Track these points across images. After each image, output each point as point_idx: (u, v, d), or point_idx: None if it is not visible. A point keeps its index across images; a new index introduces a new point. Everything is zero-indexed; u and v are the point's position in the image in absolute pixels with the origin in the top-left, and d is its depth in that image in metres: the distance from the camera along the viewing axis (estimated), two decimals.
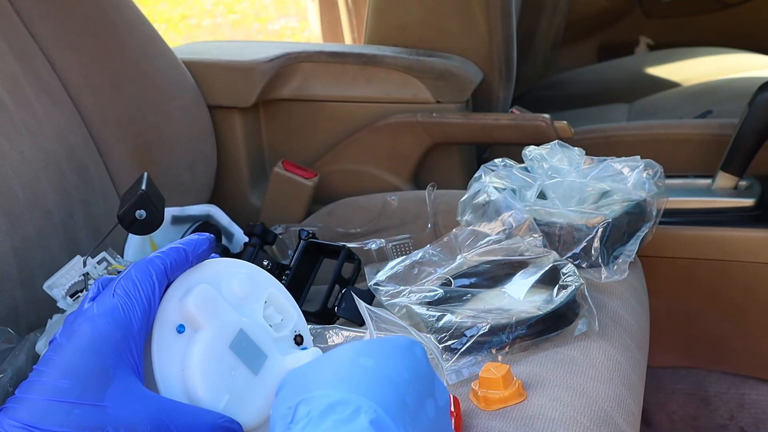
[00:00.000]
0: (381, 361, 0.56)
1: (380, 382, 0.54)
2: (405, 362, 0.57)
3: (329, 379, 0.55)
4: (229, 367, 0.64)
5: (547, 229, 0.98)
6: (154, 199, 0.88)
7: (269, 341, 0.68)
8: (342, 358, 0.56)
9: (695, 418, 1.42)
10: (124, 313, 0.59)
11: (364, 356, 0.56)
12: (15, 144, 1.00)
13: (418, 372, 0.57)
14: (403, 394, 0.54)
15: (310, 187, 1.33)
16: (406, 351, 0.58)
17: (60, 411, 0.55)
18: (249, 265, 0.70)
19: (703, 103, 1.68)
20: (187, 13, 5.18)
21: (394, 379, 0.55)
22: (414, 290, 0.90)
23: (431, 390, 0.58)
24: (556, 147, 1.06)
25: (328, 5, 2.38)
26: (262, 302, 0.69)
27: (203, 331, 0.63)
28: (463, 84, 1.38)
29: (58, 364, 0.57)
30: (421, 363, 0.58)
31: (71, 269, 0.84)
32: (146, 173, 0.92)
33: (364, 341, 0.58)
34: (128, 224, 0.87)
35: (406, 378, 0.55)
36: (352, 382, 0.54)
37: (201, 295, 0.63)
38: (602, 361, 0.86)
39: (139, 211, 0.87)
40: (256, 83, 1.35)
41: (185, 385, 0.62)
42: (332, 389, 0.53)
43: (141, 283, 0.60)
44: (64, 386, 0.56)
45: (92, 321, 0.58)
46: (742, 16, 2.30)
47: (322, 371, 0.56)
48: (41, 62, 1.12)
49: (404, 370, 0.56)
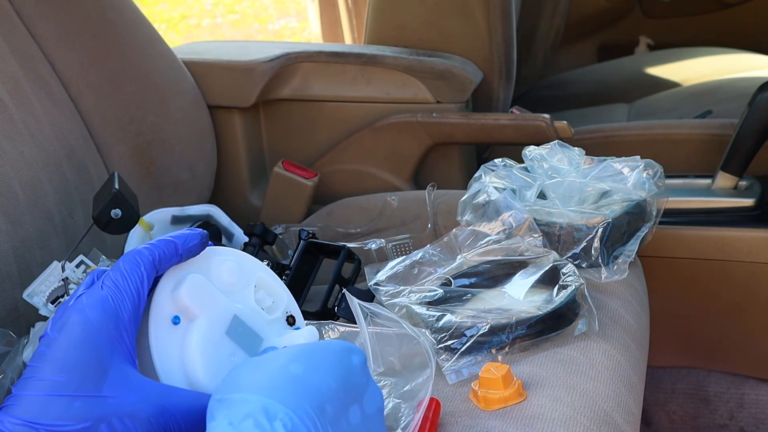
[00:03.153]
0: (309, 369, 0.57)
1: (302, 390, 0.56)
2: (334, 371, 0.58)
3: (254, 384, 0.56)
4: (228, 353, 0.65)
5: (547, 229, 0.98)
6: (128, 197, 0.88)
7: (263, 324, 0.68)
8: (274, 364, 0.58)
9: (695, 418, 1.42)
10: (114, 304, 0.59)
11: (294, 363, 0.57)
12: (15, 144, 1.00)
13: (346, 380, 0.58)
14: (323, 402, 0.56)
15: (310, 187, 1.33)
16: (339, 358, 0.59)
17: (60, 405, 0.56)
18: (236, 252, 0.70)
19: (703, 103, 1.68)
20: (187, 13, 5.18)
21: (318, 387, 0.56)
22: (414, 290, 0.90)
23: (359, 397, 0.59)
24: (556, 147, 1.06)
25: (328, 5, 2.38)
26: (252, 286, 0.69)
27: (198, 320, 0.64)
28: (463, 84, 1.38)
29: (52, 358, 0.57)
30: (353, 371, 0.60)
31: (50, 275, 0.83)
32: (116, 172, 0.91)
33: (301, 347, 0.60)
34: (104, 225, 0.87)
35: (332, 386, 0.57)
36: (275, 389, 0.55)
37: (193, 285, 0.64)
38: (602, 361, 0.86)
39: (114, 211, 0.86)
40: (256, 83, 1.35)
41: (187, 375, 0.62)
42: (255, 393, 0.55)
43: (129, 274, 0.61)
44: (61, 380, 0.56)
45: (82, 313, 0.58)
46: (742, 16, 2.30)
47: (253, 374, 0.57)
48: (41, 62, 1.12)
49: (331, 379, 0.57)
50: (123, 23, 1.21)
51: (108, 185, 0.89)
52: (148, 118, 1.21)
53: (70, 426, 0.55)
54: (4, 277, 0.93)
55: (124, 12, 1.22)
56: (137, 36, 1.23)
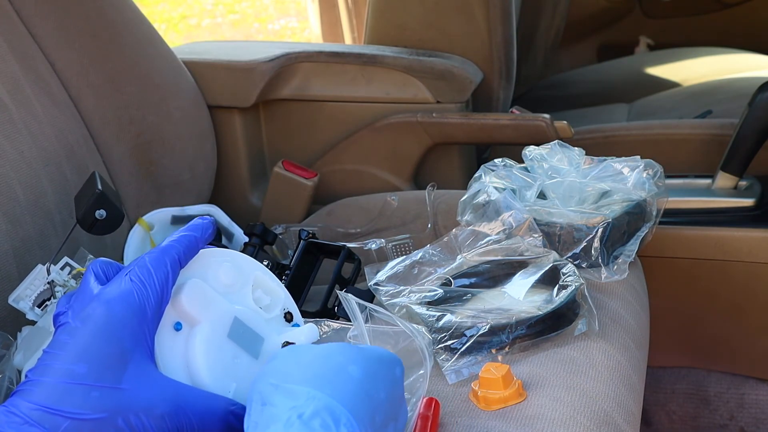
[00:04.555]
0: (367, 375, 0.58)
1: (361, 397, 0.57)
2: (384, 381, 0.59)
3: (317, 379, 0.56)
4: (231, 356, 0.65)
5: (547, 229, 0.98)
6: (112, 197, 0.87)
7: (262, 323, 0.69)
8: (332, 361, 0.58)
9: (695, 418, 1.42)
10: (138, 299, 0.60)
11: (353, 365, 0.58)
12: (15, 144, 1.00)
13: (392, 394, 0.60)
14: (375, 412, 0.57)
15: (310, 187, 1.33)
16: (388, 369, 0.60)
17: (78, 393, 0.56)
18: (231, 252, 0.70)
19: (703, 103, 1.68)
20: (187, 13, 5.18)
21: (373, 397, 0.57)
22: (414, 290, 0.90)
23: (396, 414, 0.61)
24: (556, 147, 1.06)
25: (328, 5, 2.38)
26: (250, 287, 0.70)
27: (200, 325, 0.64)
28: (463, 84, 1.38)
29: (73, 347, 0.57)
30: (397, 385, 0.61)
31: (35, 279, 0.82)
32: (96, 171, 0.90)
33: (355, 348, 0.60)
34: (89, 226, 0.86)
35: (382, 398, 0.58)
36: (339, 389, 0.56)
37: (192, 290, 0.64)
38: (602, 361, 0.86)
39: (99, 211, 0.85)
40: (256, 83, 1.35)
41: (192, 380, 0.63)
42: (320, 391, 0.55)
43: (155, 271, 0.61)
44: (81, 370, 0.56)
45: (108, 305, 0.59)
46: (742, 16, 2.30)
47: (312, 367, 0.58)
48: (41, 62, 1.12)
49: (382, 390, 0.59)
50: (123, 23, 1.21)
51: (89, 186, 0.88)
52: (148, 118, 1.21)
53: (87, 415, 0.56)
54: (4, 278, 0.93)
55: (124, 12, 1.22)
56: (137, 36, 1.23)
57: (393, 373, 0.61)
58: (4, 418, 0.54)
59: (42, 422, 0.54)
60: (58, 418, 0.55)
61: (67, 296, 0.61)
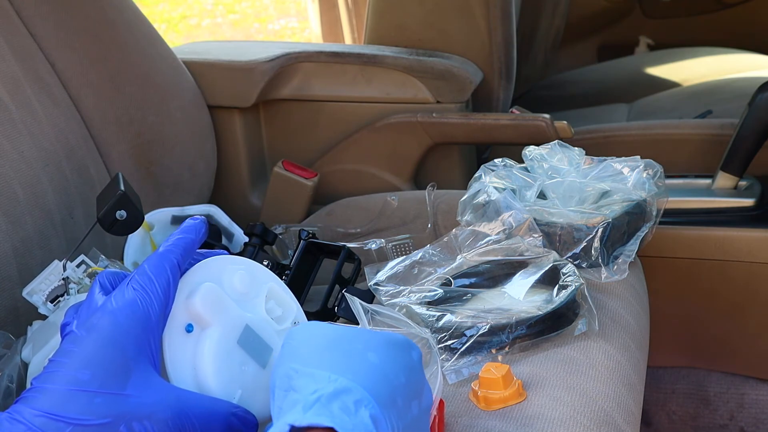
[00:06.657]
0: (385, 360, 0.59)
1: (381, 380, 0.57)
2: (403, 365, 0.60)
3: (336, 364, 0.57)
4: (239, 363, 0.65)
5: (547, 229, 0.98)
6: (133, 199, 0.87)
7: (273, 334, 0.69)
8: (350, 347, 0.59)
9: (695, 418, 1.42)
10: (142, 307, 0.60)
11: (371, 351, 0.59)
12: (15, 144, 1.00)
13: (410, 377, 0.60)
14: (396, 395, 0.58)
15: (310, 187, 1.33)
16: (405, 353, 0.61)
17: (81, 400, 0.56)
18: (247, 261, 0.70)
19: (703, 103, 1.68)
20: (187, 13, 5.18)
21: (392, 380, 0.58)
22: (414, 290, 0.90)
23: (419, 393, 0.61)
24: (556, 147, 1.06)
25: (328, 5, 2.38)
26: (263, 297, 0.70)
27: (211, 329, 0.64)
28: (463, 84, 1.38)
29: (78, 355, 0.58)
30: (415, 368, 0.61)
31: (50, 274, 0.83)
32: (120, 173, 0.91)
33: (371, 333, 0.61)
34: (109, 225, 0.86)
35: (402, 381, 0.59)
36: (359, 374, 0.57)
37: (207, 293, 0.64)
38: (602, 361, 0.86)
39: (120, 212, 0.86)
40: (256, 83, 1.35)
41: (198, 383, 0.63)
42: (341, 375, 0.56)
43: (156, 277, 0.62)
44: (84, 377, 0.57)
45: (112, 315, 0.59)
46: (742, 16, 2.30)
47: (332, 353, 0.58)
48: (41, 62, 1.12)
49: (401, 373, 0.59)
50: (123, 23, 1.21)
51: (112, 186, 0.89)
52: (148, 118, 1.21)
53: (91, 420, 0.56)
54: (4, 278, 0.93)
55: (124, 12, 1.22)
56: (137, 36, 1.23)
57: (410, 357, 0.61)
58: (8, 425, 0.55)
59: (45, 428, 0.55)
60: (62, 423, 0.55)
61: (74, 307, 0.62)
